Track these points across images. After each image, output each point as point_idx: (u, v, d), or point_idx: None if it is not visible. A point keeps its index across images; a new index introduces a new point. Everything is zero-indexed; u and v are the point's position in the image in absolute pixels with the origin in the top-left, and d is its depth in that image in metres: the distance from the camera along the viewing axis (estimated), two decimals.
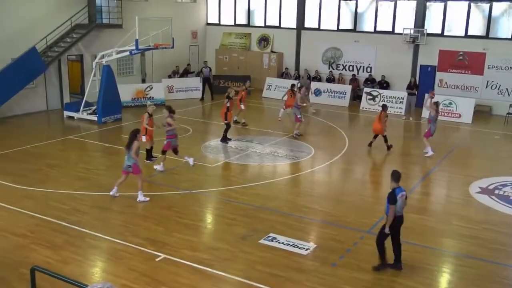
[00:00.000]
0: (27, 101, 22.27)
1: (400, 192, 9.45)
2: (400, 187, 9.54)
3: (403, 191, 9.57)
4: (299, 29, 29.36)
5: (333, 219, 12.11)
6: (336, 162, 16.73)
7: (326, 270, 9.66)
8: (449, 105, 23.70)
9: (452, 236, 11.45)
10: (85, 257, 10.03)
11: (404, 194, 9.55)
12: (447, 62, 25.46)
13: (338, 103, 26.19)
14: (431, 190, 14.74)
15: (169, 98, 25.97)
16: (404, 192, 9.58)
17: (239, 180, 14.66)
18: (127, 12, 25.10)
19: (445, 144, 19.50)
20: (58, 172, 14.96)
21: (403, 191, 9.56)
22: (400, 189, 9.53)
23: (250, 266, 9.73)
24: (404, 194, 9.54)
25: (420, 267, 9.87)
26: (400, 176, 9.64)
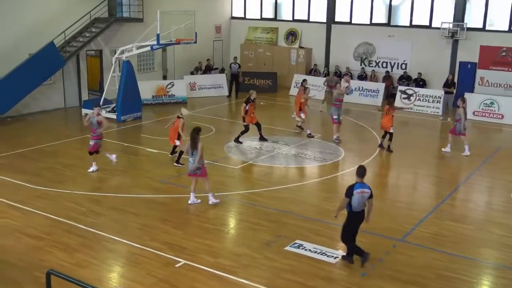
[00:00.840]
0: (44, 98, 22.65)
1: (360, 188, 9.67)
2: (362, 184, 9.75)
3: (364, 188, 9.73)
4: (329, 23, 29.22)
5: (364, 226, 11.90)
6: (367, 165, 16.35)
7: (355, 280, 9.56)
8: (490, 105, 23.29)
9: (493, 246, 11.22)
10: (101, 260, 10.13)
11: (365, 191, 9.70)
12: (488, 58, 25.01)
13: (370, 102, 25.95)
14: (470, 196, 14.47)
15: (191, 95, 26.12)
16: (366, 190, 9.72)
17: (264, 183, 14.63)
18: (148, 5, 25.33)
19: (486, 146, 19.16)
20: (74, 172, 15.16)
21: (364, 188, 9.72)
22: (362, 185, 9.73)
23: (275, 274, 9.69)
24: (365, 192, 9.69)
25: (457, 279, 9.69)
26: (365, 172, 9.90)
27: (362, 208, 9.86)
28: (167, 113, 22.93)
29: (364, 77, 27.58)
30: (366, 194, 9.76)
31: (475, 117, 23.32)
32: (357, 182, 9.78)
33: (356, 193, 9.66)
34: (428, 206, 13.24)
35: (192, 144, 12.39)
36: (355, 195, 9.66)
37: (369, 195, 9.79)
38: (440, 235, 11.52)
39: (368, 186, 9.88)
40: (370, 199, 9.84)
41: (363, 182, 9.82)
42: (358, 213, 9.85)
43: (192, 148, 12.39)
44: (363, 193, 9.71)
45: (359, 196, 9.67)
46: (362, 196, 9.69)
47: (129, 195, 13.42)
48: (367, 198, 9.80)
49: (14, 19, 21.30)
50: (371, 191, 9.85)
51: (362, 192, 9.69)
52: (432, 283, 9.49)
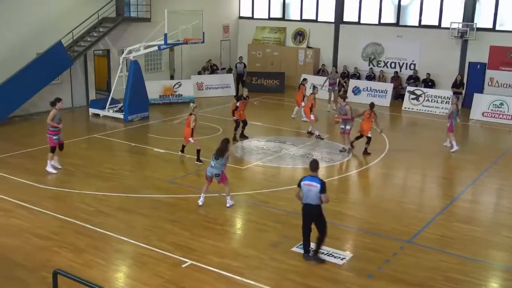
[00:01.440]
0: (52, 98, 22.40)
1: (307, 181, 9.81)
2: (312, 177, 9.85)
3: (312, 181, 9.78)
4: (337, 23, 29.20)
5: (371, 227, 11.99)
6: (375, 166, 16.57)
7: (362, 281, 9.57)
8: (500, 105, 23.21)
9: (501, 248, 11.19)
10: (109, 261, 10.19)
11: (311, 184, 9.76)
12: (498, 59, 24.92)
13: (378, 103, 25.71)
14: (478, 198, 14.45)
15: (198, 95, 26.19)
16: (314, 183, 9.75)
17: (271, 184, 14.65)
18: (156, 5, 25.42)
19: (495, 148, 19.12)
20: (82, 172, 15.25)
21: (312, 182, 9.78)
22: (311, 178, 9.83)
23: (282, 275, 9.72)
24: (311, 185, 9.77)
25: (465, 281, 9.68)
26: (316, 166, 10.00)
27: (312, 202, 9.88)
28: (174, 113, 23.01)
29: (372, 78, 27.54)
30: (314, 188, 9.78)
31: (484, 118, 23.25)
32: (308, 175, 9.95)
33: (303, 185, 9.88)
34: (436, 207, 13.23)
35: (220, 151, 12.36)
36: (302, 187, 9.89)
37: (319, 189, 9.75)
38: (448, 236, 11.51)
39: (318, 180, 9.83)
40: (322, 194, 9.80)
41: (314, 176, 9.89)
42: (307, 205, 9.95)
43: (218, 154, 12.36)
44: (310, 186, 9.80)
45: (306, 188, 9.83)
46: (309, 189, 9.80)
47: (137, 195, 13.50)
48: (318, 193, 9.77)
49: (22, 19, 21.44)
50: (321, 186, 9.76)
51: (309, 185, 9.80)
52: (439, 285, 9.48)
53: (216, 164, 12.36)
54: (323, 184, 9.84)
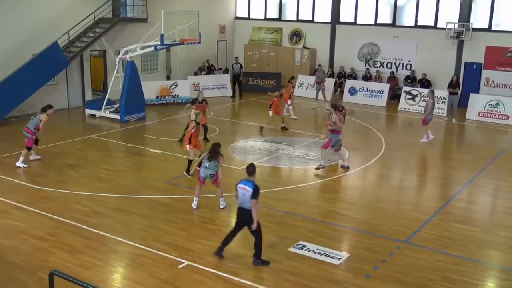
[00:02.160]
0: (48, 98, 22.59)
1: (242, 184, 9.84)
2: (247, 181, 9.84)
3: (246, 185, 9.77)
4: (333, 23, 29.22)
5: (368, 227, 12.00)
6: (372, 166, 16.59)
7: (359, 281, 9.58)
8: (496, 105, 23.26)
9: (498, 248, 11.22)
10: (105, 262, 10.18)
11: (245, 188, 9.74)
12: (494, 59, 24.98)
13: (374, 103, 25.96)
14: (475, 198, 14.48)
15: (195, 96, 26.11)
16: (248, 188, 9.71)
17: (268, 184, 14.64)
18: (152, 5, 25.40)
19: (491, 148, 19.16)
20: (78, 172, 15.23)
21: (245, 186, 9.77)
22: (246, 182, 9.83)
23: (278, 275, 9.72)
24: (245, 188, 9.75)
25: (462, 281, 9.70)
26: (253, 170, 9.96)
27: (246, 206, 9.80)
28: (170, 114, 23.02)
29: (368, 78, 27.57)
30: (247, 192, 9.73)
31: (480, 118, 23.29)
32: (244, 178, 9.95)
33: (238, 188, 9.91)
34: (432, 207, 13.25)
35: (213, 155, 12.24)
36: (238, 190, 9.92)
37: (250, 194, 9.67)
38: (445, 237, 11.53)
39: (252, 184, 9.75)
40: (253, 199, 9.68)
41: (250, 180, 9.87)
42: (241, 209, 9.93)
43: (211, 157, 12.25)
44: (244, 190, 9.78)
45: (241, 191, 9.84)
46: (243, 193, 9.80)
47: (133, 196, 13.48)
48: (249, 197, 9.70)
49: (18, 20, 21.39)
50: (253, 191, 9.67)
51: (244, 188, 9.80)
52: (436, 285, 9.50)
53: (210, 164, 12.32)
54: (256, 189, 9.74)
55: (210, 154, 12.26)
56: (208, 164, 12.30)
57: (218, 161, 12.32)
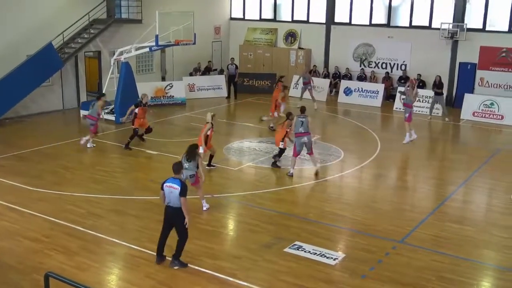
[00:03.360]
0: (43, 100, 22.67)
1: (169, 183, 9.72)
2: (174, 179, 9.74)
3: (173, 183, 9.69)
4: (328, 24, 29.25)
5: (363, 227, 12.02)
6: (367, 167, 16.60)
7: (355, 282, 9.59)
8: (490, 105, 23.33)
9: (493, 248, 11.25)
10: (101, 263, 10.15)
11: (173, 187, 9.66)
12: (488, 59, 25.04)
13: (369, 103, 26.00)
14: (470, 198, 14.51)
15: (190, 97, 26.15)
16: (175, 185, 9.64)
17: (263, 185, 14.66)
18: (147, 6, 25.34)
19: (486, 148, 19.22)
20: (73, 174, 15.19)
21: (172, 184, 9.68)
22: (173, 180, 9.73)
23: (274, 276, 9.72)
24: (170, 186, 9.68)
25: (457, 281, 9.72)
26: (178, 168, 9.93)
27: (174, 204, 9.72)
28: (166, 115, 22.99)
29: (363, 78, 27.60)
30: (175, 190, 9.66)
31: (475, 118, 23.36)
32: (171, 177, 9.86)
33: (165, 187, 9.78)
34: (428, 207, 13.27)
35: (190, 155, 12.20)
36: (165, 189, 9.80)
37: (178, 192, 9.63)
38: (440, 236, 11.55)
39: (179, 182, 9.72)
40: (182, 197, 9.62)
41: (176, 178, 9.81)
42: (169, 207, 9.81)
43: (189, 158, 12.20)
44: (172, 188, 9.70)
45: (168, 190, 9.74)
46: (170, 191, 9.71)
47: (129, 197, 13.46)
48: (177, 195, 9.65)
49: (12, 20, 21.31)
50: (181, 188, 9.62)
51: (171, 186, 9.71)
52: (432, 285, 9.52)
53: (189, 165, 12.22)
54: (183, 187, 9.69)
55: (187, 155, 12.21)
56: (188, 165, 12.21)
57: (197, 161, 12.26)
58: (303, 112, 15.58)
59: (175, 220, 9.80)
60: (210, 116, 15.28)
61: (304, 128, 15.13)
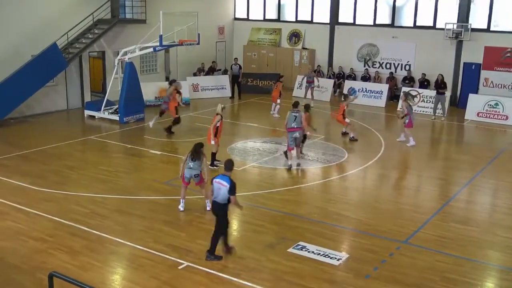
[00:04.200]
0: (47, 100, 22.73)
1: (218, 179, 10.01)
2: (224, 176, 9.99)
3: (222, 180, 9.93)
4: (332, 24, 29.24)
5: (367, 227, 12.01)
6: (371, 167, 16.59)
7: (359, 282, 9.58)
8: (495, 106, 23.27)
9: (497, 248, 11.22)
10: (105, 263, 10.18)
11: (219, 182, 9.93)
12: (493, 59, 24.99)
13: (374, 103, 25.97)
14: (474, 198, 14.48)
15: (194, 97, 26.18)
16: (224, 182, 9.87)
17: (267, 185, 14.66)
18: (151, 6, 25.39)
19: (490, 148, 19.18)
20: (78, 174, 15.22)
21: (221, 180, 9.93)
22: (221, 177, 10.00)
23: (278, 276, 9.72)
24: (219, 182, 9.94)
25: (461, 281, 9.70)
26: (229, 165, 10.13)
27: (220, 200, 9.99)
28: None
29: (367, 78, 27.58)
30: (223, 187, 9.88)
31: (479, 118, 23.31)
32: (221, 173, 10.14)
33: (214, 182, 10.04)
34: (432, 208, 13.25)
35: (195, 155, 12.21)
36: (213, 184, 10.05)
37: (227, 189, 9.85)
38: (445, 237, 11.53)
39: (229, 180, 9.90)
40: (231, 195, 9.89)
41: (226, 175, 10.01)
42: (216, 202, 10.08)
43: (194, 157, 12.21)
44: (220, 184, 9.93)
45: (216, 186, 9.98)
46: (219, 188, 9.94)
47: (133, 197, 13.49)
48: (227, 193, 9.87)
49: (16, 21, 21.38)
50: (230, 186, 9.84)
51: (219, 183, 9.95)
52: (436, 285, 9.50)
53: (194, 165, 12.24)
54: (232, 185, 9.88)
55: (192, 154, 12.24)
56: (193, 164, 12.23)
57: (202, 161, 12.30)
58: (296, 107, 16.00)
59: (217, 215, 10.11)
60: (220, 108, 15.44)
61: (297, 123, 15.63)
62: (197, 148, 12.25)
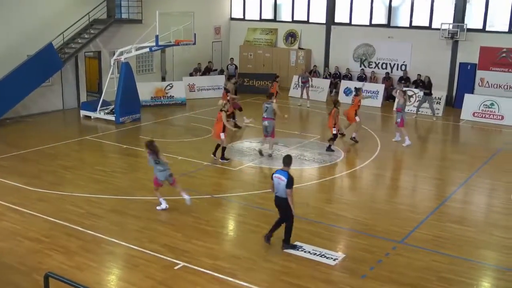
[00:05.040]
0: (43, 100, 22.67)
1: (277, 174, 10.39)
2: (282, 171, 10.35)
3: (281, 175, 10.30)
4: (328, 24, 29.25)
5: (364, 227, 12.00)
6: (367, 167, 16.59)
7: (355, 282, 9.58)
8: (490, 106, 23.32)
9: (493, 248, 11.24)
10: (100, 263, 10.14)
11: (279, 177, 10.31)
12: (488, 59, 25.04)
13: (370, 104, 25.92)
14: (470, 198, 14.49)
15: (190, 97, 26.15)
16: (282, 177, 10.24)
17: (263, 185, 14.62)
18: (147, 6, 25.35)
19: (486, 148, 19.21)
20: (74, 174, 15.18)
21: (280, 175, 10.31)
22: (280, 172, 10.36)
23: (274, 276, 9.71)
24: (279, 177, 10.31)
25: (457, 281, 9.70)
26: (289, 161, 10.47)
27: (281, 195, 10.38)
28: (166, 115, 23.00)
29: (363, 78, 27.59)
30: (282, 182, 10.23)
31: (475, 118, 23.35)
32: (280, 168, 10.48)
33: (274, 177, 10.44)
34: (428, 208, 13.25)
35: (154, 154, 12.18)
36: (274, 179, 10.46)
37: (285, 183, 10.19)
38: (441, 237, 11.53)
39: (287, 174, 10.25)
40: (288, 189, 10.22)
41: (285, 170, 10.36)
42: (277, 197, 10.53)
43: (155, 157, 12.19)
44: (279, 180, 10.29)
45: (276, 180, 10.38)
46: (278, 182, 10.32)
47: (129, 197, 13.45)
48: (284, 187, 10.22)
49: (12, 21, 21.32)
50: (287, 180, 10.19)
51: (279, 178, 10.32)
52: (432, 285, 9.50)
53: (162, 167, 12.25)
54: (290, 179, 10.21)
55: (153, 156, 12.19)
56: (161, 166, 12.25)
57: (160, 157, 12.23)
58: (270, 98, 17.23)
59: (279, 208, 10.60)
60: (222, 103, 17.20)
61: (268, 114, 16.76)
62: (152, 148, 12.17)
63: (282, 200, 10.44)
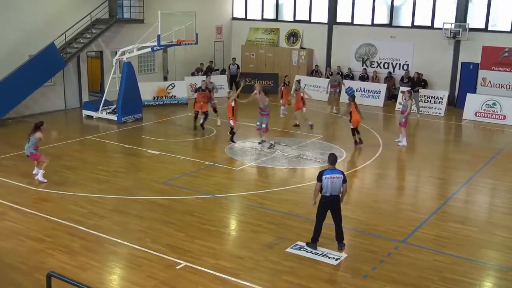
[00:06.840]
0: (45, 100, 22.69)
1: (329, 174, 10.36)
2: (332, 170, 10.44)
3: (334, 174, 10.38)
4: (330, 24, 29.23)
5: (366, 227, 12.01)
6: (369, 167, 16.59)
7: (357, 282, 9.58)
8: (493, 105, 23.29)
9: (496, 248, 11.23)
10: (103, 263, 10.16)
11: (334, 177, 10.34)
12: (491, 59, 25.00)
13: (372, 103, 25.96)
14: (473, 198, 14.49)
15: (192, 96, 26.07)
16: (335, 175, 10.36)
17: (265, 185, 14.66)
18: (149, 6, 25.36)
19: (488, 148, 19.19)
20: (76, 174, 15.20)
21: (333, 174, 10.37)
22: (331, 171, 10.41)
23: (276, 276, 9.72)
24: (334, 177, 10.34)
25: (460, 281, 9.70)
26: (335, 159, 10.54)
27: (337, 193, 10.49)
28: (168, 115, 23.02)
29: (365, 78, 27.58)
30: (337, 179, 10.38)
31: (477, 118, 23.33)
32: (327, 168, 10.49)
33: (325, 178, 10.32)
34: (430, 207, 13.25)
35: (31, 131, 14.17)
36: (324, 180, 10.34)
37: (342, 179, 10.42)
38: (443, 237, 11.53)
39: (339, 171, 10.51)
40: (344, 184, 10.47)
41: (333, 168, 10.48)
42: (330, 197, 10.46)
43: (30, 135, 14.16)
44: (334, 178, 10.34)
45: (328, 181, 10.33)
46: (332, 181, 10.34)
47: (131, 197, 13.47)
48: (342, 183, 10.43)
49: (14, 20, 21.34)
50: (343, 176, 10.47)
51: (334, 177, 10.35)
52: (434, 285, 9.50)
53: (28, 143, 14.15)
54: (344, 174, 10.54)
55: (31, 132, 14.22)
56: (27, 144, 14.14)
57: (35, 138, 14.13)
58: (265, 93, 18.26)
59: (333, 207, 10.55)
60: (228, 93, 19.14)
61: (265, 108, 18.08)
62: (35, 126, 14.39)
63: (336, 198, 10.51)
